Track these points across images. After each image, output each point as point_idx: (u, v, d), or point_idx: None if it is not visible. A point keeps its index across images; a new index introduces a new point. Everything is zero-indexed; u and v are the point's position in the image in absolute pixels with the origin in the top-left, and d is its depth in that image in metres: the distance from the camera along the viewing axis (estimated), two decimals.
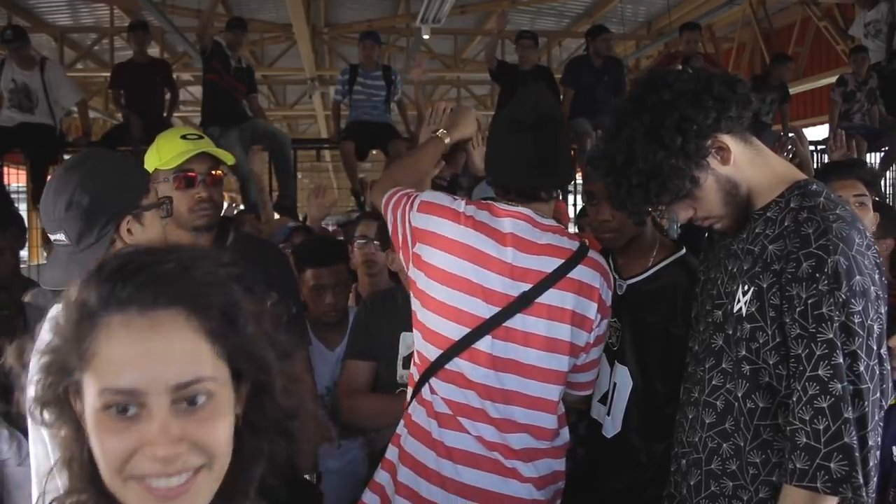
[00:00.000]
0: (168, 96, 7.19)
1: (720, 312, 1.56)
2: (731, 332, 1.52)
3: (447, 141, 2.13)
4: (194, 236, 2.02)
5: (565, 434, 1.85)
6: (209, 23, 6.29)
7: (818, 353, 1.34)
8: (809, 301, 1.36)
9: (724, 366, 1.54)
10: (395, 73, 6.99)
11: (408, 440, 1.79)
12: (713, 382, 1.56)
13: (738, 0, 8.04)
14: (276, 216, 6.33)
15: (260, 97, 7.25)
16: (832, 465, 1.32)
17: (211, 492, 0.81)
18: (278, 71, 12.08)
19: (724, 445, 1.53)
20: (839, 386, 1.32)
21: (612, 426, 2.06)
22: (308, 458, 2.22)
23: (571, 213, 8.14)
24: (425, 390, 1.78)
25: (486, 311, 1.73)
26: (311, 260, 2.57)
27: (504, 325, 1.73)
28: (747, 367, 1.48)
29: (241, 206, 6.54)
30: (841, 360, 1.33)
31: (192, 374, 0.78)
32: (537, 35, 7.25)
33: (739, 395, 1.50)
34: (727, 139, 1.48)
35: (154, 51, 9.49)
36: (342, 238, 4.14)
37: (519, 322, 1.73)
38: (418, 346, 1.82)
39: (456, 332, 1.74)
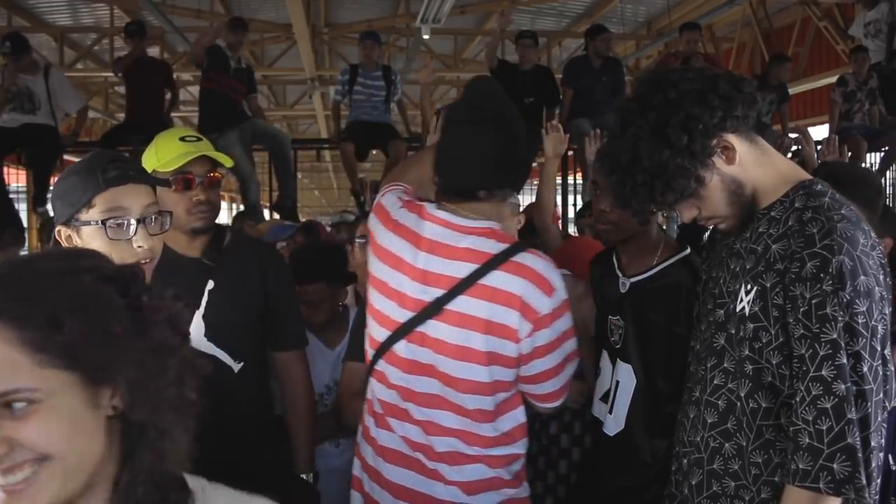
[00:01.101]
0: (168, 96, 7.20)
1: (722, 311, 1.56)
2: (733, 332, 1.51)
3: None
4: (191, 238, 2.01)
5: (518, 445, 1.78)
6: (208, 43, 6.25)
7: (822, 353, 1.34)
8: (813, 301, 1.36)
9: (725, 365, 1.54)
10: (396, 74, 6.99)
11: (359, 436, 1.87)
12: (715, 382, 1.56)
13: (738, 0, 8.04)
14: (276, 216, 6.37)
15: (260, 97, 7.25)
16: (835, 465, 1.32)
17: (61, 487, 0.85)
18: (278, 71, 12.08)
19: (726, 445, 1.53)
20: (843, 387, 1.32)
21: (614, 424, 2.06)
22: (306, 457, 2.22)
23: (572, 214, 8.18)
24: (368, 388, 1.83)
25: (401, 315, 1.72)
26: (294, 272, 2.55)
27: (418, 330, 1.70)
28: (750, 366, 1.48)
29: (241, 207, 6.56)
30: (844, 361, 1.32)
31: (6, 386, 0.82)
32: (537, 35, 7.25)
33: (742, 394, 1.50)
34: (732, 139, 1.48)
35: (154, 51, 9.49)
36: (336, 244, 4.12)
37: (431, 329, 1.69)
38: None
39: (381, 334, 1.76)
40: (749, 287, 1.47)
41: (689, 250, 2.08)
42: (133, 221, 1.54)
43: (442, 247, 1.70)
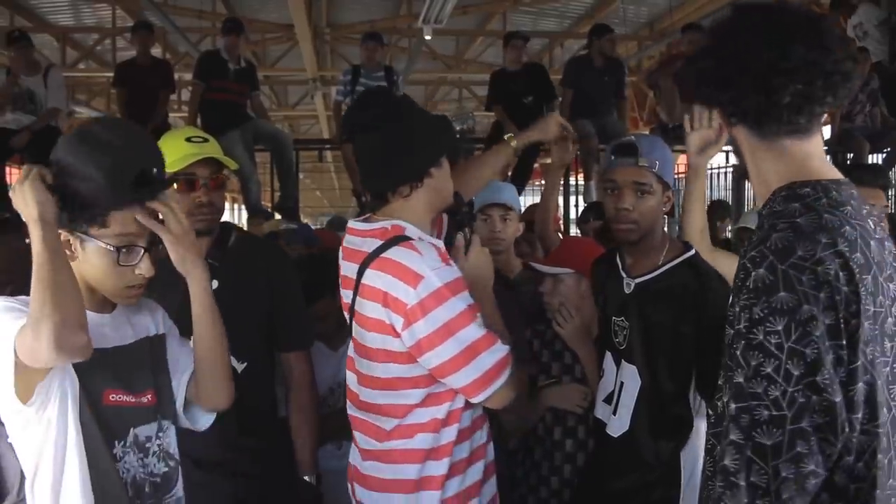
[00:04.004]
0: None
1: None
2: None
3: (513, 144, 2.22)
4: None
5: (417, 441, 1.74)
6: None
7: (734, 370, 1.23)
8: (730, 316, 1.27)
9: None
10: (398, 74, 6.97)
11: None
12: None
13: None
14: (277, 217, 6.37)
15: (261, 97, 7.22)
16: (716, 482, 1.24)
17: None
18: (280, 71, 12.09)
19: None
20: (733, 406, 1.22)
21: (618, 425, 2.05)
22: (309, 458, 2.22)
23: (573, 215, 8.17)
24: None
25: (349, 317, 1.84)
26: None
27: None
28: None
29: (242, 207, 6.55)
30: (741, 381, 1.21)
31: None
32: (525, 35, 7.14)
33: None
34: None
35: (156, 51, 9.49)
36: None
37: (354, 327, 1.82)
38: None
39: None
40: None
41: (693, 251, 2.08)
42: (142, 250, 1.51)
43: (350, 252, 1.81)
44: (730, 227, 6.34)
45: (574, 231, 6.95)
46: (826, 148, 4.76)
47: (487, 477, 1.84)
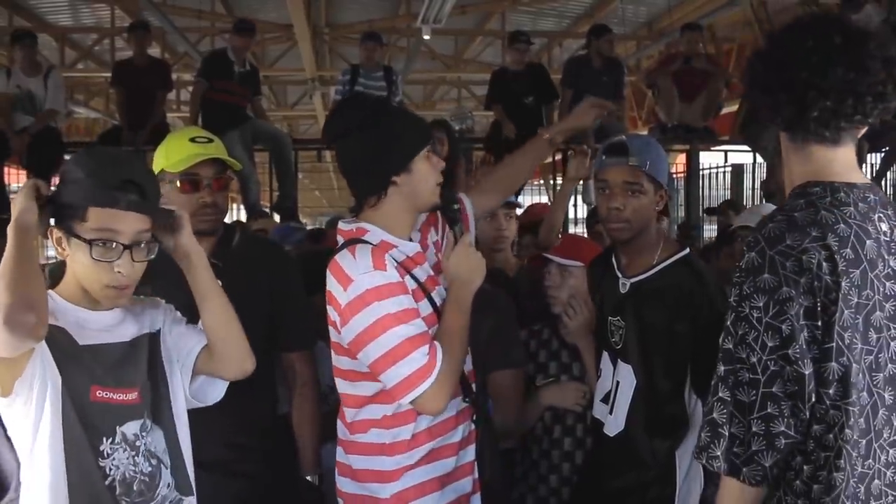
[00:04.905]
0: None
1: None
2: None
3: (546, 137, 2.26)
4: (198, 238, 2.01)
5: (371, 436, 1.82)
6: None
7: (722, 338, 1.44)
8: (730, 291, 1.46)
9: None
10: (397, 74, 6.97)
11: None
12: None
13: (739, 0, 8.05)
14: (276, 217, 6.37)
15: (262, 99, 7.21)
16: (701, 434, 1.44)
17: None
18: (279, 71, 12.08)
19: None
20: (722, 368, 1.42)
21: (614, 424, 2.06)
22: (311, 457, 2.23)
23: (572, 215, 8.18)
24: None
25: None
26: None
27: None
28: None
29: (242, 206, 6.55)
30: (730, 346, 1.41)
31: None
32: (530, 36, 7.16)
33: None
34: None
35: (155, 51, 9.49)
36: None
37: None
38: None
39: None
40: None
41: (688, 250, 2.09)
42: (121, 247, 1.53)
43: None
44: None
45: (573, 231, 6.96)
46: None
47: (454, 479, 1.86)
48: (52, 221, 1.56)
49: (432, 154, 1.86)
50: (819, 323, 1.36)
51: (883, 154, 7.06)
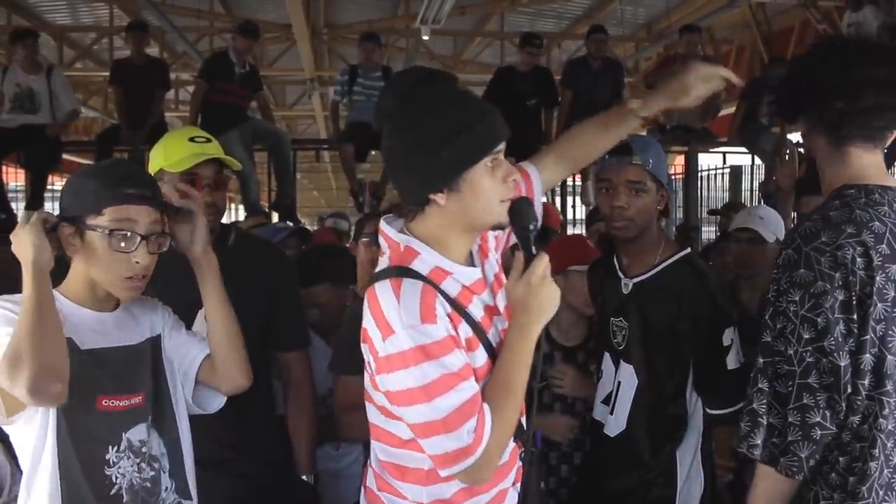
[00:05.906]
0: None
1: None
2: None
3: (634, 107, 1.72)
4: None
5: (406, 489, 1.52)
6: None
7: (763, 332, 1.52)
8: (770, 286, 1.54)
9: None
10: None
11: None
12: None
13: (738, 2, 8.05)
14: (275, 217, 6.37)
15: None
16: (741, 424, 1.51)
17: None
18: (278, 71, 12.07)
19: None
20: (761, 360, 1.50)
21: (615, 425, 2.06)
22: (307, 458, 2.22)
23: (571, 215, 8.19)
24: None
25: None
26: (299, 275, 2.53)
27: None
28: None
29: (241, 206, 6.54)
30: (769, 339, 1.50)
31: None
32: (542, 44, 7.17)
33: None
34: None
35: (154, 50, 9.48)
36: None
37: None
38: None
39: None
40: None
41: (689, 249, 2.09)
42: (138, 237, 1.54)
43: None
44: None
45: (573, 232, 6.95)
46: None
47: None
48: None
49: (500, 162, 1.45)
50: (854, 316, 1.44)
51: (882, 154, 7.06)
